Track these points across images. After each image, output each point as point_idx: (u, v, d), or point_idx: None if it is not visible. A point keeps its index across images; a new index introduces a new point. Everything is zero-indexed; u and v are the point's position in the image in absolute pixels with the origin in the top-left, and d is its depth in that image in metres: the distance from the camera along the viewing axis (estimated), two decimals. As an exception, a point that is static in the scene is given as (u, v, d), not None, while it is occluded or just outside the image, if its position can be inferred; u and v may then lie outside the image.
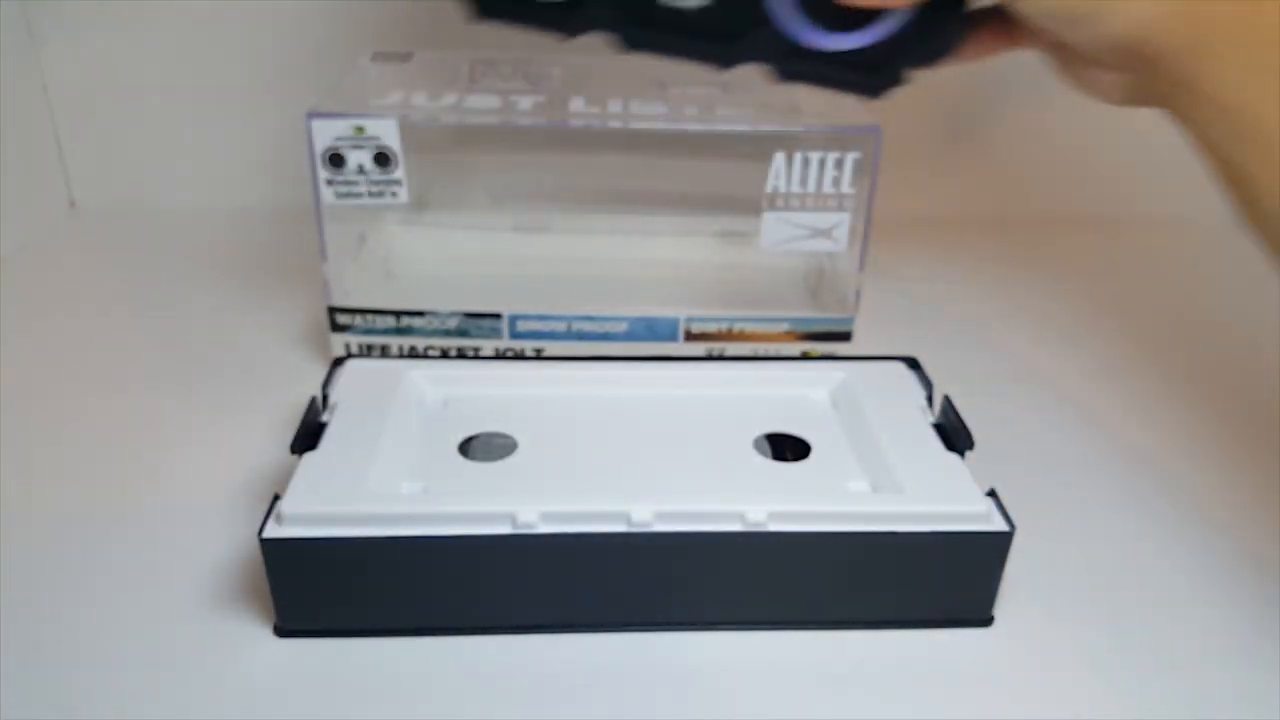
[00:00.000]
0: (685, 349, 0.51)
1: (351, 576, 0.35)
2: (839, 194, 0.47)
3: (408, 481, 0.37)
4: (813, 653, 0.36)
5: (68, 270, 0.62)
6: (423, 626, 0.36)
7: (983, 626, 0.37)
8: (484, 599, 0.35)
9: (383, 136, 0.45)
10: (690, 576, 0.35)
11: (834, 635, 0.36)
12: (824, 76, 0.43)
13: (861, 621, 0.36)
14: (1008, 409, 0.49)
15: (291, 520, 0.34)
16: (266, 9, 0.65)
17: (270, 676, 0.34)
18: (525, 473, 0.38)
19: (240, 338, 0.55)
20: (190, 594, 0.37)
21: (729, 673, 0.35)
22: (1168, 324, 0.60)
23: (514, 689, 0.34)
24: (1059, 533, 0.41)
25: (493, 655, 0.35)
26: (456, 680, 0.34)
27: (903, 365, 0.44)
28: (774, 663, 0.35)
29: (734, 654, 0.36)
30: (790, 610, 0.36)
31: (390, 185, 0.46)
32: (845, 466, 0.39)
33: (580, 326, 0.50)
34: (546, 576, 0.35)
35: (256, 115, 0.68)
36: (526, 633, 0.36)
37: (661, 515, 0.34)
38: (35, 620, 0.36)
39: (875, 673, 0.35)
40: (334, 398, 0.41)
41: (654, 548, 0.34)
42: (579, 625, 0.36)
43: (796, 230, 0.47)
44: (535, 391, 0.42)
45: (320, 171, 0.46)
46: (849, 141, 0.45)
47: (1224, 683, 0.35)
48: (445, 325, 0.50)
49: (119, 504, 0.42)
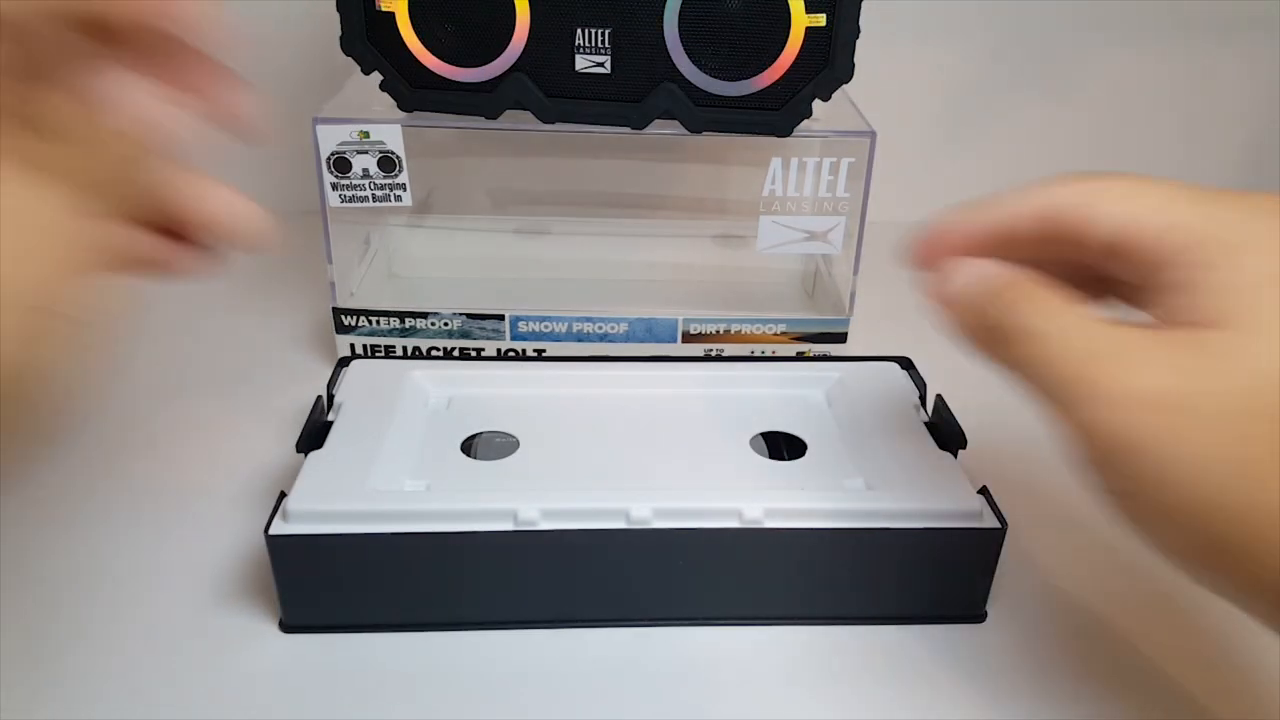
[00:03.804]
0: (683, 349, 0.51)
1: (355, 573, 0.35)
2: (834, 198, 0.47)
3: (411, 480, 0.37)
4: (807, 648, 0.36)
5: (75, 272, 0.63)
6: (425, 622, 0.36)
7: (975, 623, 0.37)
8: (486, 594, 0.36)
9: (387, 141, 0.46)
10: (687, 572, 0.36)
11: (828, 630, 0.37)
12: (732, 122, 0.44)
13: (855, 617, 0.37)
14: (1000, 408, 0.50)
15: (297, 517, 0.34)
16: (272, 13, 0.65)
17: (275, 672, 0.35)
18: (527, 471, 0.38)
19: (247, 338, 0.55)
20: (196, 590, 0.38)
21: (724, 667, 0.35)
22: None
23: (516, 683, 0.35)
24: (1051, 530, 0.42)
25: (494, 650, 0.36)
26: (458, 675, 0.35)
27: (896, 366, 0.45)
28: (768, 657, 0.36)
29: (729, 649, 0.36)
30: (785, 606, 0.37)
31: (394, 189, 0.47)
32: (840, 465, 0.39)
33: (580, 327, 0.51)
34: (547, 572, 0.36)
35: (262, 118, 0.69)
36: (528, 628, 0.36)
37: (660, 512, 0.34)
38: (42, 616, 0.36)
39: (869, 668, 0.35)
40: (339, 397, 0.41)
41: (652, 544, 0.35)
42: (579, 620, 0.37)
43: (792, 233, 0.48)
44: (537, 391, 0.43)
45: (326, 175, 0.47)
46: (844, 146, 0.46)
47: (1218, 681, 0.35)
48: (448, 326, 0.50)
49: (125, 501, 0.42)
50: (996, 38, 0.67)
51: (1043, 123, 0.70)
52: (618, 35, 0.43)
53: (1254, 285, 0.23)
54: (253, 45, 0.73)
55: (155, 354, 0.54)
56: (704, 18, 0.42)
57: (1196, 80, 0.69)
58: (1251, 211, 0.24)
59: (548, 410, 0.42)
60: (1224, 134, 0.71)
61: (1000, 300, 0.26)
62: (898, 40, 0.66)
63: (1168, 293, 0.24)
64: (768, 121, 0.45)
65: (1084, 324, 0.24)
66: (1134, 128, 0.71)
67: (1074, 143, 0.71)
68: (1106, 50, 0.68)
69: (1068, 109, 0.70)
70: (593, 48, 0.43)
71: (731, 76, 0.44)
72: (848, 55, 0.43)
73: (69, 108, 0.25)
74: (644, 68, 0.44)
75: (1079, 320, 0.25)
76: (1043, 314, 0.25)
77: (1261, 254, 0.23)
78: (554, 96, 0.44)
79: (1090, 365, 0.23)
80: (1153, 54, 0.68)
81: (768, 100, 0.44)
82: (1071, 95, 0.69)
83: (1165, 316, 0.24)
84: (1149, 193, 0.26)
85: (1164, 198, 0.26)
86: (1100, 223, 0.26)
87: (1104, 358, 0.23)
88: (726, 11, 0.42)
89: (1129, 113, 0.70)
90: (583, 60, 0.44)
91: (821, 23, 0.42)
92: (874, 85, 0.52)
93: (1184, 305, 0.24)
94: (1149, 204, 0.26)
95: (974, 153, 0.71)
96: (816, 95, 0.44)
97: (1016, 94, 0.69)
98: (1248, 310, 0.22)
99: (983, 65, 0.69)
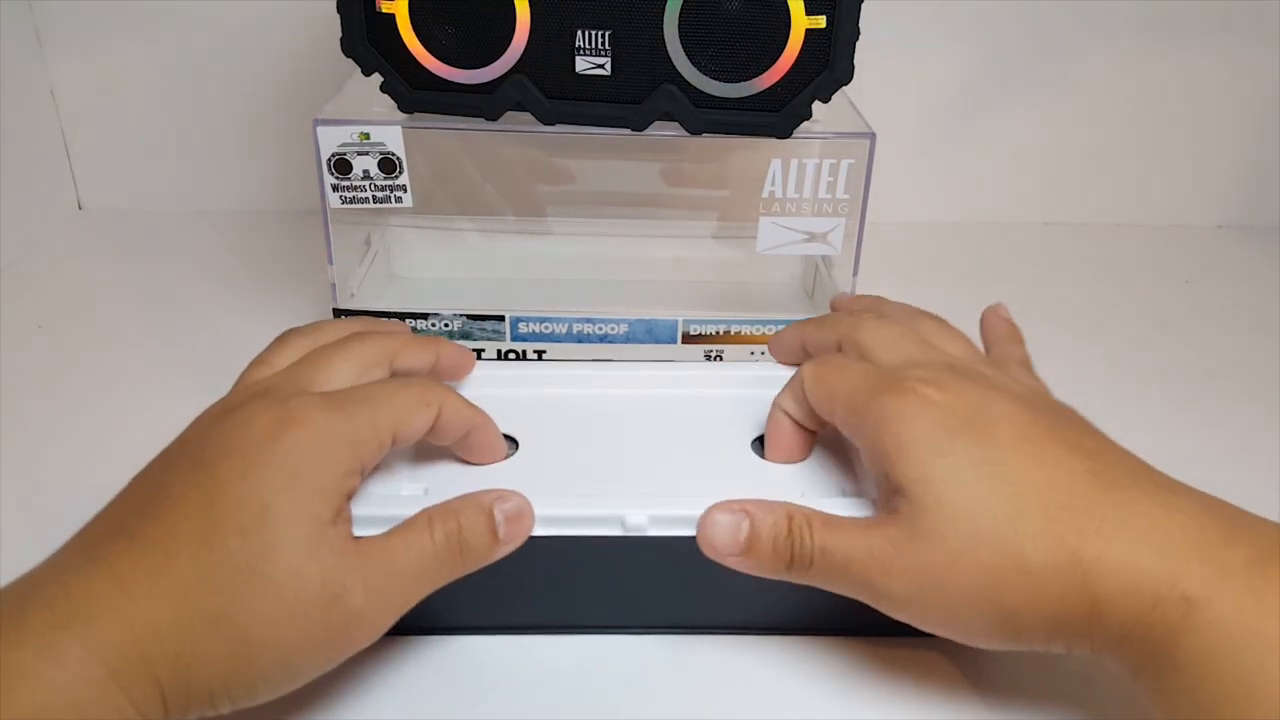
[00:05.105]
0: (683, 350, 0.51)
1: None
2: (834, 199, 0.47)
3: (409, 483, 0.37)
4: (801, 659, 0.36)
5: (75, 272, 0.63)
6: (424, 626, 0.36)
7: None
8: (480, 599, 0.36)
9: (387, 142, 0.46)
10: (676, 582, 0.36)
11: (822, 641, 0.37)
12: (732, 124, 0.44)
13: (844, 628, 0.37)
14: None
15: None
16: (274, 14, 0.65)
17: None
18: (524, 475, 0.38)
19: (247, 339, 0.55)
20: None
21: (719, 678, 0.36)
22: (1160, 328, 0.61)
23: (510, 689, 0.35)
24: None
25: (489, 655, 0.36)
26: (453, 680, 0.35)
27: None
28: (763, 668, 0.36)
29: (724, 659, 0.36)
30: (779, 616, 0.37)
31: (395, 190, 0.47)
32: (841, 469, 0.39)
33: (581, 328, 0.51)
34: (542, 579, 0.36)
35: (263, 120, 0.69)
36: (522, 633, 0.37)
37: (656, 519, 0.34)
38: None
39: (863, 679, 0.35)
40: None
41: (644, 552, 0.35)
42: (574, 627, 0.37)
43: (792, 234, 0.48)
44: (537, 392, 0.43)
45: (326, 177, 0.47)
46: (844, 148, 0.46)
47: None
48: (449, 327, 0.51)
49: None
50: (995, 39, 0.67)
51: (1041, 124, 0.70)
52: (618, 37, 0.43)
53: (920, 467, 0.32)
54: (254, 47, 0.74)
55: (156, 354, 0.54)
56: (704, 19, 0.42)
57: (1194, 82, 0.69)
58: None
59: (548, 412, 0.42)
60: (1223, 135, 0.71)
61: (792, 535, 0.33)
62: (898, 42, 0.66)
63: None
64: (767, 123, 0.45)
65: (848, 535, 0.32)
66: (1132, 129, 0.71)
67: (1072, 144, 0.71)
68: (1105, 51, 0.68)
69: (1066, 110, 0.70)
70: (593, 49, 0.43)
71: (731, 78, 0.44)
72: (848, 57, 0.43)
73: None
74: (644, 69, 0.44)
75: (845, 534, 0.32)
76: (823, 536, 0.33)
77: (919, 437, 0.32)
78: (554, 98, 0.45)
79: (866, 566, 0.32)
80: (1151, 55, 0.68)
81: (767, 102, 0.44)
82: (1070, 96, 0.70)
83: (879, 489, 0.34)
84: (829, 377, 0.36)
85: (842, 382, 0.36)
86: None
87: (869, 557, 0.32)
88: (726, 13, 0.42)
89: (1127, 114, 0.70)
90: (583, 62, 0.44)
91: (821, 24, 0.42)
92: (874, 87, 0.52)
93: (879, 485, 0.34)
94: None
95: (973, 154, 0.71)
96: (816, 97, 0.44)
97: (1015, 95, 0.69)
98: (917, 495, 0.31)
99: (982, 67, 0.69)
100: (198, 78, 0.68)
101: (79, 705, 0.26)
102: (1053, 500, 0.30)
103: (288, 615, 0.29)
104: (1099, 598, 0.29)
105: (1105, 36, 0.68)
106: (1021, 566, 0.30)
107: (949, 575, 0.30)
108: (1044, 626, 0.30)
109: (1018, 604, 0.30)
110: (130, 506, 0.31)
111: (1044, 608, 0.30)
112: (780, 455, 0.39)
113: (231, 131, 0.69)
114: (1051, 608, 0.30)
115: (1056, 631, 0.30)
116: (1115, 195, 0.73)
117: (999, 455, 0.31)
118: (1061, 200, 0.73)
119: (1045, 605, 0.30)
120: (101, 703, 0.26)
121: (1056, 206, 0.74)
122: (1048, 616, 0.30)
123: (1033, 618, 0.30)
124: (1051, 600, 0.30)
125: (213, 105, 0.68)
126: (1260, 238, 0.72)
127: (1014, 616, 0.30)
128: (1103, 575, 0.29)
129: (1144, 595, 0.28)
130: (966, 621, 0.31)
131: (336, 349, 0.36)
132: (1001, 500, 0.30)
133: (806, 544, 0.32)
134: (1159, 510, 0.30)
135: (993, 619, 0.31)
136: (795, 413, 0.38)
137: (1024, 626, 0.30)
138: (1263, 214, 0.74)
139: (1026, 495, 0.30)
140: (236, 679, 0.28)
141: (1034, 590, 0.30)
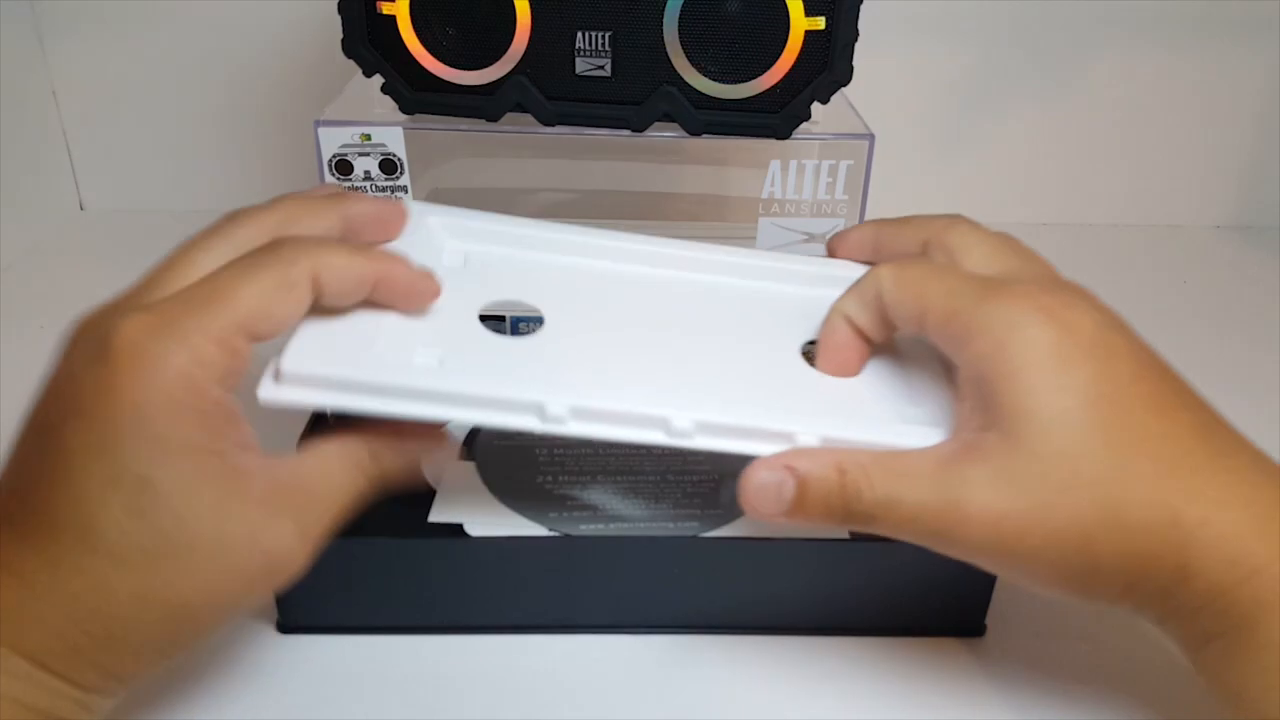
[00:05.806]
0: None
1: (354, 572, 0.35)
2: (833, 200, 0.48)
3: (423, 348, 0.32)
4: (804, 658, 0.36)
5: (77, 273, 0.63)
6: (424, 625, 0.36)
7: (974, 636, 0.37)
8: (485, 598, 0.36)
9: (389, 144, 0.46)
10: (675, 580, 0.36)
11: (825, 641, 0.37)
12: (731, 125, 0.44)
13: (853, 628, 0.37)
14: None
15: (293, 380, 0.29)
16: (275, 15, 0.65)
17: (273, 673, 0.35)
18: (553, 354, 0.33)
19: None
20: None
21: (720, 676, 0.36)
22: (1159, 328, 0.61)
23: (513, 688, 0.35)
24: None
25: (492, 654, 0.36)
26: (457, 677, 0.35)
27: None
28: (764, 667, 0.36)
29: (723, 657, 0.36)
30: (782, 616, 0.37)
31: (395, 190, 0.47)
32: (897, 388, 0.35)
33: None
34: (550, 577, 0.36)
35: (265, 121, 0.69)
36: (527, 632, 0.37)
37: (702, 426, 0.30)
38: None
39: (866, 680, 0.35)
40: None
41: (653, 551, 0.35)
42: (578, 626, 0.37)
43: (792, 235, 0.48)
44: (566, 260, 0.38)
45: (327, 178, 0.47)
46: (843, 149, 0.46)
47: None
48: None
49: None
50: (995, 40, 0.68)
51: (1039, 125, 0.71)
52: (618, 38, 0.43)
53: (1025, 377, 0.29)
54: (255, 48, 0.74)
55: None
56: (704, 21, 0.43)
57: (1191, 82, 0.69)
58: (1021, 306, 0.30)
59: (578, 284, 0.37)
60: (1221, 135, 0.71)
61: (847, 490, 0.29)
62: (897, 43, 0.66)
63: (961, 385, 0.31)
64: (767, 124, 0.45)
65: (915, 482, 0.29)
66: (1130, 129, 0.71)
67: (1070, 144, 0.71)
68: (1103, 52, 0.68)
69: (1064, 111, 0.70)
70: (593, 50, 0.44)
71: (731, 79, 0.44)
72: (847, 58, 0.43)
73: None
74: (644, 70, 0.44)
75: (912, 480, 0.29)
76: (885, 486, 0.29)
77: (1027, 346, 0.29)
78: (554, 99, 0.45)
79: (940, 515, 0.29)
80: (1152, 55, 0.68)
81: (767, 103, 0.44)
82: (1070, 97, 0.70)
83: (966, 414, 0.30)
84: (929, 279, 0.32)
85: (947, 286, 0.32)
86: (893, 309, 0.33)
87: (944, 505, 0.29)
88: (726, 14, 0.42)
89: (1125, 114, 0.70)
90: (583, 63, 0.44)
91: (821, 26, 0.42)
92: (873, 88, 0.52)
93: (971, 409, 0.30)
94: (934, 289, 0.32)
95: (973, 155, 0.72)
96: (815, 98, 0.44)
97: (1015, 96, 0.70)
98: (1018, 431, 0.28)
99: (981, 67, 0.69)
100: (200, 79, 0.68)
101: (17, 699, 0.25)
102: (1163, 453, 0.28)
103: (220, 574, 0.27)
104: (1191, 562, 0.27)
105: (1103, 38, 0.68)
106: (1119, 521, 0.27)
107: (1035, 522, 0.28)
108: (1122, 583, 0.28)
109: (1103, 558, 0.28)
110: (7, 485, 0.27)
111: (1130, 565, 0.28)
112: (832, 366, 0.35)
113: (233, 133, 0.69)
114: (1139, 566, 0.28)
115: (1132, 590, 0.28)
116: (1113, 195, 0.74)
117: (1116, 394, 0.29)
118: (1059, 201, 0.74)
119: (1132, 563, 0.28)
120: (41, 689, 0.25)
121: (1054, 207, 0.74)
122: (1131, 574, 0.28)
123: (1114, 574, 0.28)
124: (1141, 558, 0.28)
125: (215, 107, 0.69)
126: (1258, 238, 0.72)
127: (1095, 571, 0.28)
128: (1203, 542, 0.27)
129: (1240, 566, 0.27)
130: (1041, 571, 0.29)
131: (204, 236, 0.31)
132: (1109, 448, 0.28)
133: (865, 497, 0.29)
134: (1261, 479, 0.28)
135: (1072, 571, 0.28)
136: (860, 319, 0.34)
137: (1101, 582, 0.28)
138: (1261, 214, 0.74)
139: (1137, 445, 0.28)
140: (184, 634, 0.27)
141: (1126, 546, 0.28)
